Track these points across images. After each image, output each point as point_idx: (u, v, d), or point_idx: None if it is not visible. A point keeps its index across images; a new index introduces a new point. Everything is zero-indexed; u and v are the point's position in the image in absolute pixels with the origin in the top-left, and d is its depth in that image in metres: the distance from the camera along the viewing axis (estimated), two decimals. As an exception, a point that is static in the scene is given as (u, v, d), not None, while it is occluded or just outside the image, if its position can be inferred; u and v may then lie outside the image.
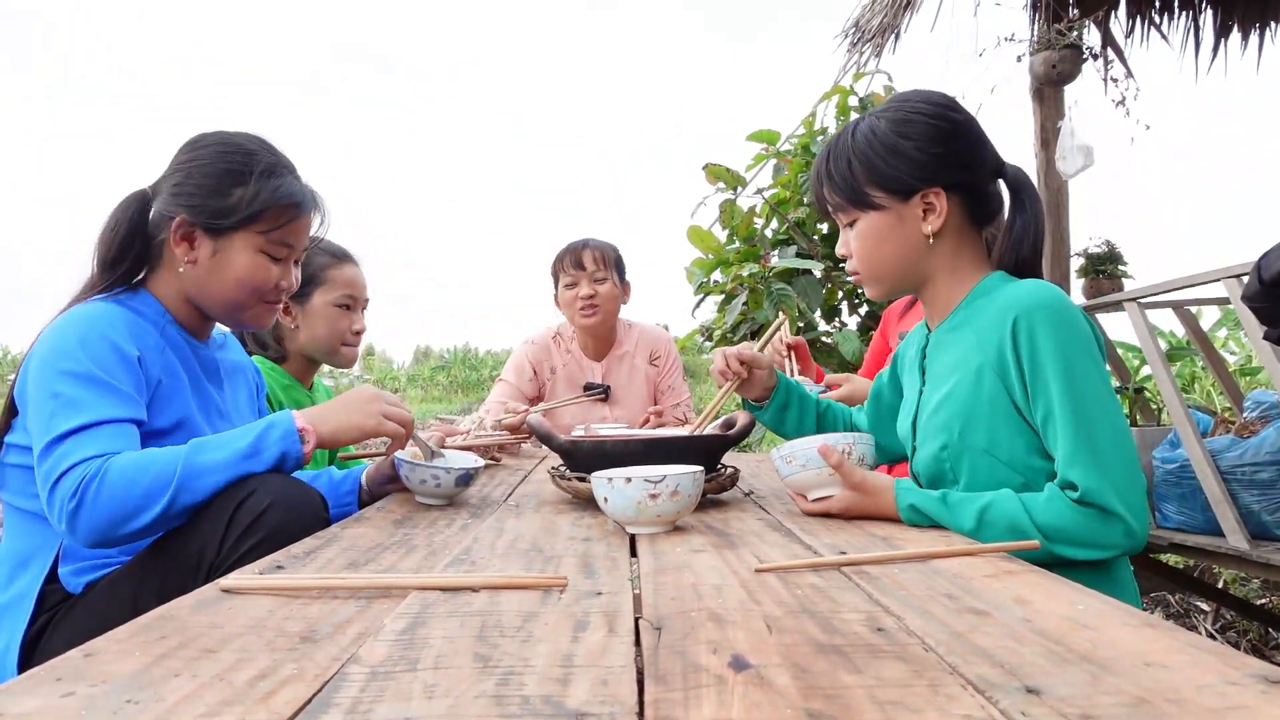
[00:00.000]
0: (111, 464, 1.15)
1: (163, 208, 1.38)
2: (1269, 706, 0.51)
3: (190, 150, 1.40)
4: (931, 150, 1.23)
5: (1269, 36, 4.42)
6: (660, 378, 2.73)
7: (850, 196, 1.28)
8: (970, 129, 1.26)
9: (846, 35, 4.42)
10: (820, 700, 0.53)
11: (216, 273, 1.38)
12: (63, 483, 1.14)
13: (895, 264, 1.29)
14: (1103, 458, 1.09)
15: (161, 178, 1.41)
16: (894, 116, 1.26)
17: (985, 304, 1.23)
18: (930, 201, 1.25)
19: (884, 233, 1.27)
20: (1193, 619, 3.16)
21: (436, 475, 1.39)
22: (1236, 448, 2.29)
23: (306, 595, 0.81)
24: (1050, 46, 3.92)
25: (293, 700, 0.54)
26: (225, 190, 1.36)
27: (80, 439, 1.17)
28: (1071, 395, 1.11)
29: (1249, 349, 6.81)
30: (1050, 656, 0.61)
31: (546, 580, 0.84)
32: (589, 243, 2.61)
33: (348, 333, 2.02)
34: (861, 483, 1.21)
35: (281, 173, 1.42)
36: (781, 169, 3.53)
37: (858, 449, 1.26)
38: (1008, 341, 1.15)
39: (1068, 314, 1.14)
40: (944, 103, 1.27)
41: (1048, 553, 1.08)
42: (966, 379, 1.21)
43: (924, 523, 1.17)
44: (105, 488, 1.13)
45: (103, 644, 0.65)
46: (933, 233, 1.25)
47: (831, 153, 1.31)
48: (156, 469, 1.15)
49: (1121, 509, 1.07)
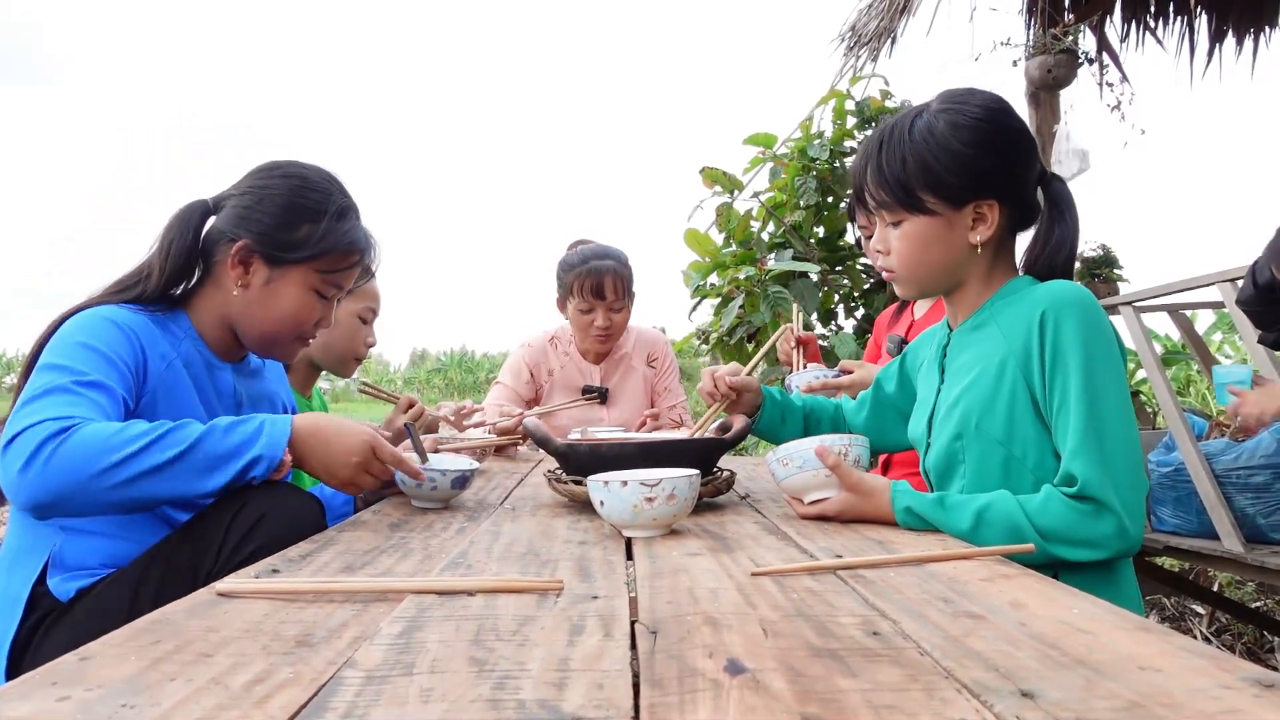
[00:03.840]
0: (81, 429, 1.09)
1: (225, 227, 1.37)
2: (1263, 710, 0.51)
3: (265, 176, 1.40)
4: (991, 160, 1.21)
5: (1263, 42, 4.44)
6: (657, 379, 2.72)
7: (900, 197, 1.23)
8: (1026, 138, 1.24)
9: (843, 39, 4.43)
10: (816, 704, 0.53)
11: (265, 303, 1.37)
12: (20, 438, 1.08)
13: (937, 269, 1.27)
14: (1108, 455, 1.09)
15: (227, 194, 1.40)
16: (954, 120, 1.21)
17: (1010, 303, 1.23)
18: (983, 212, 1.22)
19: (931, 238, 1.24)
20: (1188, 622, 3.16)
21: (432, 478, 1.39)
22: (1231, 451, 2.29)
23: (302, 599, 0.81)
24: (1046, 51, 3.93)
25: (288, 704, 0.54)
26: (294, 224, 1.36)
27: (53, 397, 1.12)
28: (1088, 389, 1.11)
29: (1244, 352, 6.83)
30: (1045, 660, 0.61)
31: (542, 584, 0.84)
32: (610, 266, 2.50)
33: (362, 345, 2.01)
34: (858, 484, 1.21)
35: (351, 217, 1.42)
36: (778, 172, 3.54)
37: (853, 450, 1.26)
38: (1035, 333, 1.16)
39: (1096, 314, 1.15)
40: (1004, 109, 1.24)
41: (1045, 554, 1.08)
42: (988, 371, 1.21)
43: (919, 526, 1.17)
44: (64, 450, 1.07)
45: (98, 648, 0.65)
46: (980, 243, 1.24)
47: (885, 147, 1.25)
48: (120, 440, 1.09)
49: (1118, 506, 1.08)
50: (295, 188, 1.38)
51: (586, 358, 2.67)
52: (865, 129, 3.34)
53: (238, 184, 1.41)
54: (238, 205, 1.37)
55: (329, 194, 1.39)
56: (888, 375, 1.57)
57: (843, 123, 3.42)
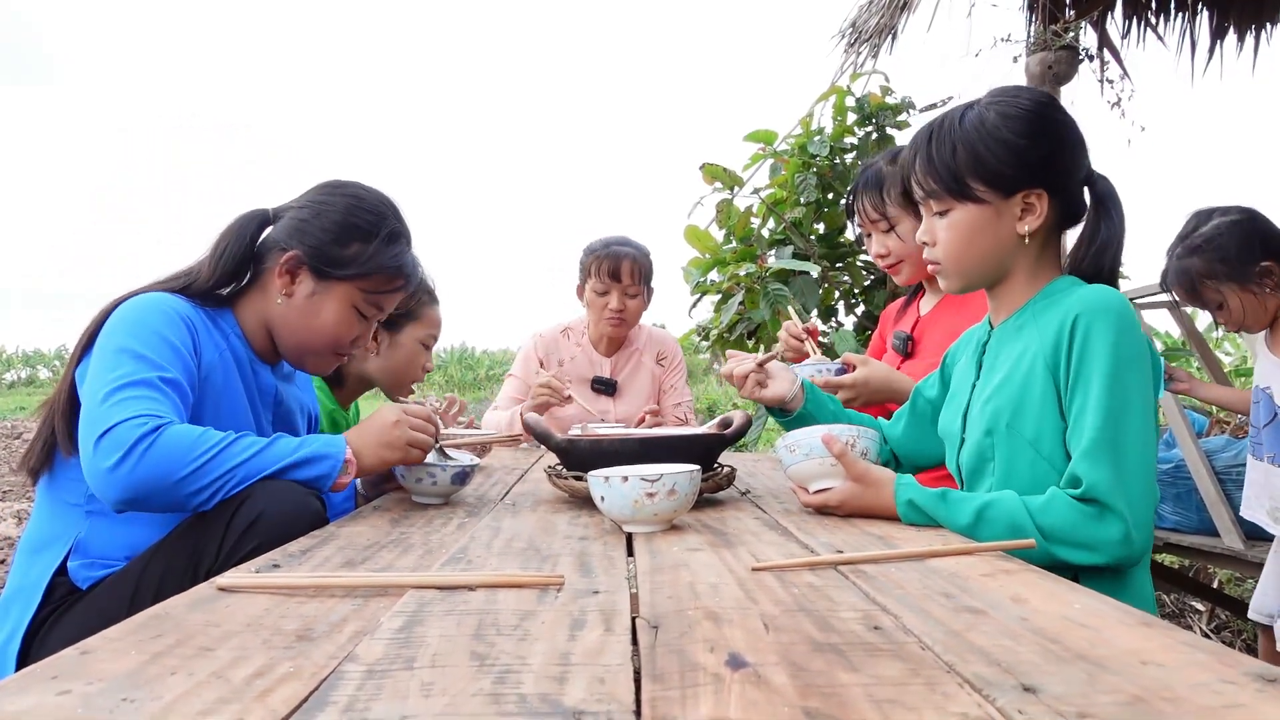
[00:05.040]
0: (168, 430, 1.14)
1: (279, 236, 1.41)
2: (1265, 705, 0.51)
3: (326, 192, 1.43)
4: (1041, 150, 1.21)
5: (1265, 38, 4.43)
6: (665, 377, 2.77)
7: (950, 185, 1.24)
8: (1075, 132, 1.24)
9: (843, 36, 4.42)
10: (817, 698, 0.53)
11: (307, 314, 1.40)
12: (112, 434, 1.13)
13: (983, 260, 1.26)
14: (1123, 462, 1.08)
15: (288, 206, 1.44)
16: (1004, 110, 1.22)
17: (1050, 304, 1.22)
18: (1031, 202, 1.22)
19: (978, 227, 1.24)
20: (1188, 619, 3.17)
21: (433, 474, 1.39)
22: (1231, 448, 2.29)
23: (303, 594, 0.81)
24: (1046, 48, 3.93)
25: (289, 698, 0.54)
26: (346, 241, 1.39)
27: (139, 390, 1.17)
28: (1109, 396, 1.10)
29: (1244, 350, 6.83)
30: (1046, 655, 0.61)
31: (543, 579, 0.84)
32: (629, 253, 2.56)
33: (420, 369, 2.02)
34: (863, 474, 1.22)
35: (401, 242, 1.45)
36: (778, 169, 3.53)
37: (861, 442, 1.26)
38: (1065, 336, 1.15)
39: (1130, 324, 1.14)
40: (1052, 102, 1.25)
41: (1045, 554, 1.08)
42: (1021, 369, 1.21)
43: (921, 520, 1.17)
44: (154, 451, 1.12)
45: (99, 642, 0.65)
46: (1028, 233, 1.23)
47: (934, 136, 1.26)
48: (205, 446, 1.16)
49: (1126, 513, 1.07)
50: (351, 206, 1.41)
51: (599, 347, 2.70)
52: (865, 125, 3.34)
53: (299, 197, 1.45)
54: (295, 217, 1.41)
55: (383, 216, 1.43)
56: (928, 384, 1.54)
57: (843, 119, 3.41)
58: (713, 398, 10.43)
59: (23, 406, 13.31)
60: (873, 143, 3.27)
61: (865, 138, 3.31)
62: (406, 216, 1.48)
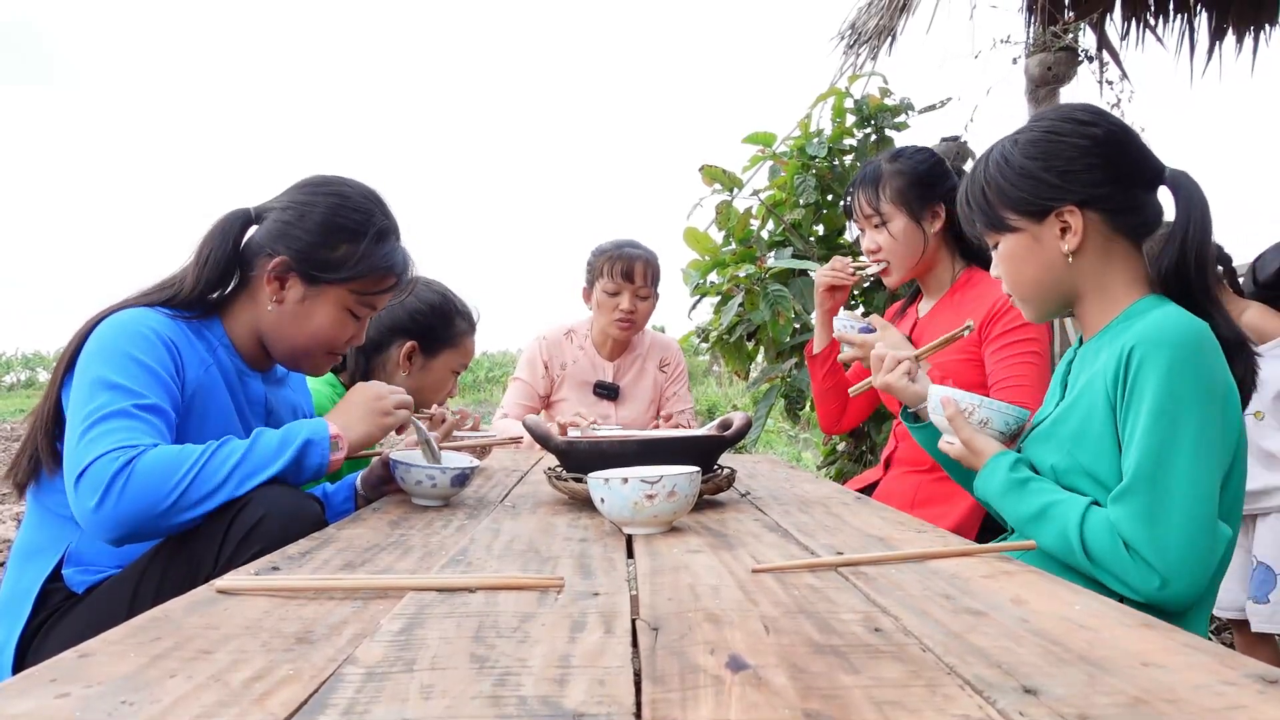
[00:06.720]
0: (144, 456, 1.12)
1: (264, 240, 1.37)
2: (1266, 706, 0.51)
3: (309, 191, 1.39)
4: (1060, 169, 1.21)
5: (1263, 39, 4.44)
6: (667, 384, 2.76)
7: (988, 221, 1.28)
8: (1109, 141, 1.21)
9: (842, 37, 4.42)
10: (818, 700, 0.53)
11: (298, 319, 1.38)
12: (89, 473, 1.11)
13: (1038, 284, 1.27)
14: (1159, 508, 1.05)
15: (269, 205, 1.40)
16: (1026, 137, 1.24)
17: (1127, 326, 1.18)
18: (1066, 221, 1.21)
19: (1022, 254, 1.26)
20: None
21: (432, 476, 1.39)
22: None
23: (302, 596, 0.81)
24: (1046, 49, 3.93)
25: (289, 701, 0.54)
26: (333, 244, 1.36)
27: (115, 423, 1.15)
28: (1149, 436, 1.07)
29: None
30: (1047, 657, 0.61)
31: (543, 581, 0.84)
32: (642, 254, 2.56)
33: (445, 394, 2.02)
34: (969, 440, 1.29)
35: (390, 239, 1.42)
36: (778, 171, 3.53)
37: (981, 411, 1.30)
38: (1121, 367, 1.12)
39: (1190, 357, 1.08)
40: (1079, 118, 1.23)
41: (1089, 573, 1.10)
42: (1087, 397, 1.19)
43: (985, 502, 1.25)
44: (133, 482, 1.11)
45: (98, 645, 0.65)
46: (1070, 251, 1.21)
47: (971, 179, 1.31)
48: (185, 466, 1.14)
49: (1153, 559, 1.04)
50: (335, 206, 1.38)
51: (602, 350, 2.69)
52: (864, 127, 3.33)
53: (280, 196, 1.41)
54: (278, 219, 1.37)
55: (369, 214, 1.40)
56: None
57: (842, 121, 3.41)
58: (712, 399, 10.43)
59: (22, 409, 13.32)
60: (872, 144, 3.27)
61: (864, 139, 3.31)
62: (393, 209, 1.45)
